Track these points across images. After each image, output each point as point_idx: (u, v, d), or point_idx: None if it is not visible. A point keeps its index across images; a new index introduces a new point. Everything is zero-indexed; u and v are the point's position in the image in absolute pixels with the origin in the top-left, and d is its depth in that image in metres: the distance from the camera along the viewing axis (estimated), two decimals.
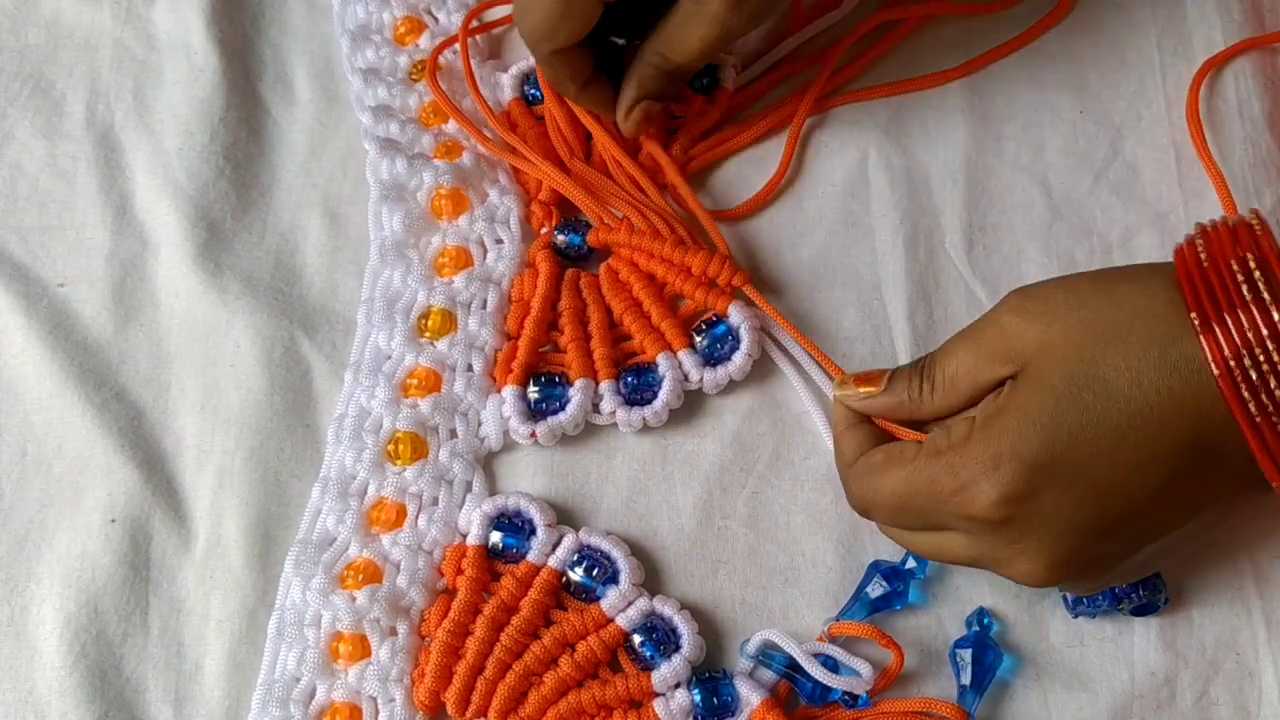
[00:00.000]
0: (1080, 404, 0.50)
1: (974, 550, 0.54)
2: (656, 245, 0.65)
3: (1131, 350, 0.50)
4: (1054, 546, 0.52)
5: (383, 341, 0.66)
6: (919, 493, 0.53)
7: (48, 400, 0.66)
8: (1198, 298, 0.49)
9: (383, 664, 0.58)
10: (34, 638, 0.61)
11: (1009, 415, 0.51)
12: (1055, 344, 0.51)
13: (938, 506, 0.53)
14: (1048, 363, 0.51)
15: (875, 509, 0.57)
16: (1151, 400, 0.49)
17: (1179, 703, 0.58)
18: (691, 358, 0.64)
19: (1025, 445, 0.50)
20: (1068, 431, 0.50)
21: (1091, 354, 0.50)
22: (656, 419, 0.64)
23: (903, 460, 0.54)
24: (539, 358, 0.66)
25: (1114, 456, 0.50)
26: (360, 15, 0.76)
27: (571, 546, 0.61)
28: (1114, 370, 0.50)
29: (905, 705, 0.57)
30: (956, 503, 0.52)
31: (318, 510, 0.63)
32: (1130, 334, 0.50)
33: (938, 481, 0.52)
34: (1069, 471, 0.50)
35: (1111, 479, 0.50)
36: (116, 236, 0.70)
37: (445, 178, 0.69)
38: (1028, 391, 0.51)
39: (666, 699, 0.57)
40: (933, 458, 0.53)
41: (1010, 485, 0.51)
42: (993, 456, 0.51)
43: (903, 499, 0.54)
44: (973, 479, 0.51)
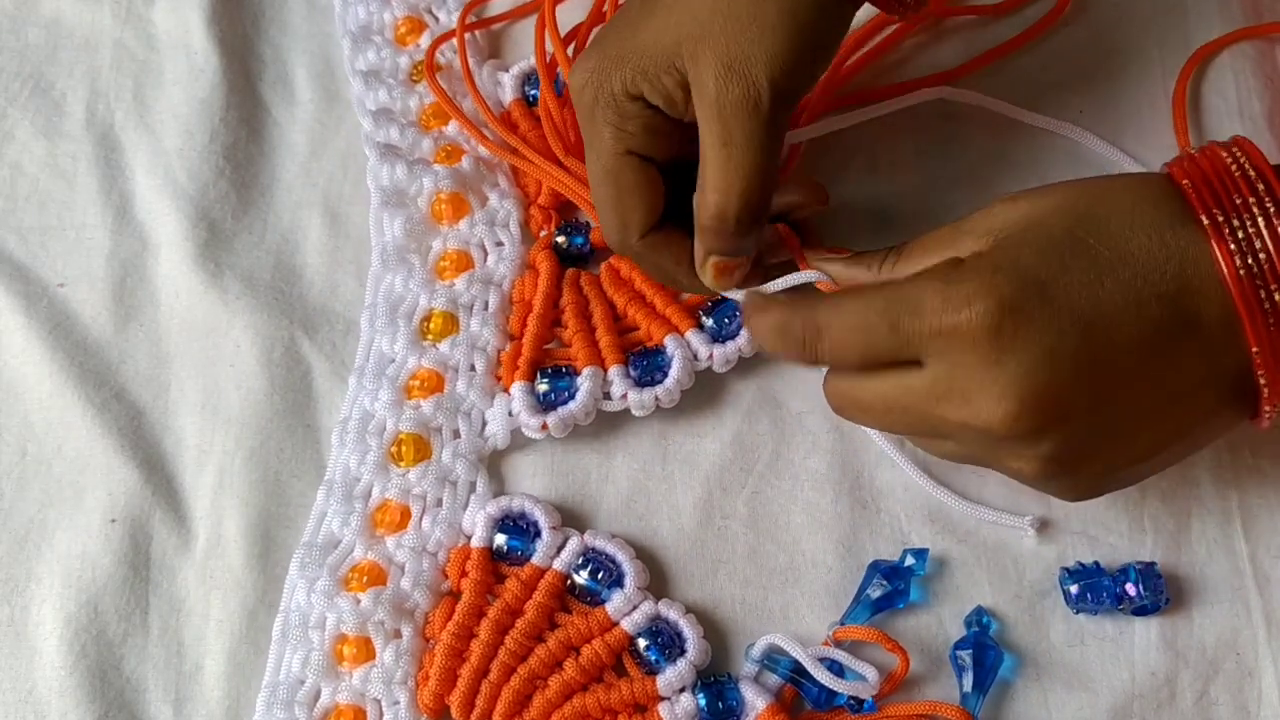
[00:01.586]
0: (1073, 238, 0.50)
1: (938, 384, 0.51)
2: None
3: (1122, 199, 0.51)
4: (1030, 376, 0.49)
5: (385, 345, 0.66)
6: (895, 307, 0.51)
7: (48, 400, 0.66)
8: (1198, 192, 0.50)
9: (387, 666, 0.59)
10: (34, 638, 0.61)
11: (1006, 238, 0.51)
12: (1043, 208, 0.51)
13: (916, 321, 0.51)
14: (1039, 215, 0.51)
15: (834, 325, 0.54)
16: (1142, 242, 0.50)
17: (1179, 703, 0.58)
18: (699, 336, 0.64)
19: (1023, 261, 0.50)
20: (1061, 258, 0.50)
21: (1087, 203, 0.51)
22: (669, 397, 0.63)
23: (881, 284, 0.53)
24: (545, 353, 0.66)
25: (1102, 286, 0.49)
26: (361, 16, 0.76)
27: (576, 549, 0.61)
28: (1109, 211, 0.50)
29: (910, 709, 0.57)
30: (942, 312, 0.50)
31: (322, 513, 0.63)
32: (1120, 191, 0.51)
33: (923, 294, 0.51)
34: (1059, 292, 0.49)
35: (1097, 309, 0.49)
36: (116, 236, 0.70)
37: (445, 182, 0.69)
38: (1021, 230, 0.51)
39: (671, 703, 0.57)
40: (918, 276, 0.52)
41: (1005, 291, 0.49)
42: (991, 267, 0.50)
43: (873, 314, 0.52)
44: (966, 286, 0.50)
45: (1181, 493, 0.61)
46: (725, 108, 0.55)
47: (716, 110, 0.55)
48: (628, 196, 0.59)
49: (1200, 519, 0.61)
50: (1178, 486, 0.61)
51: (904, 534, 0.62)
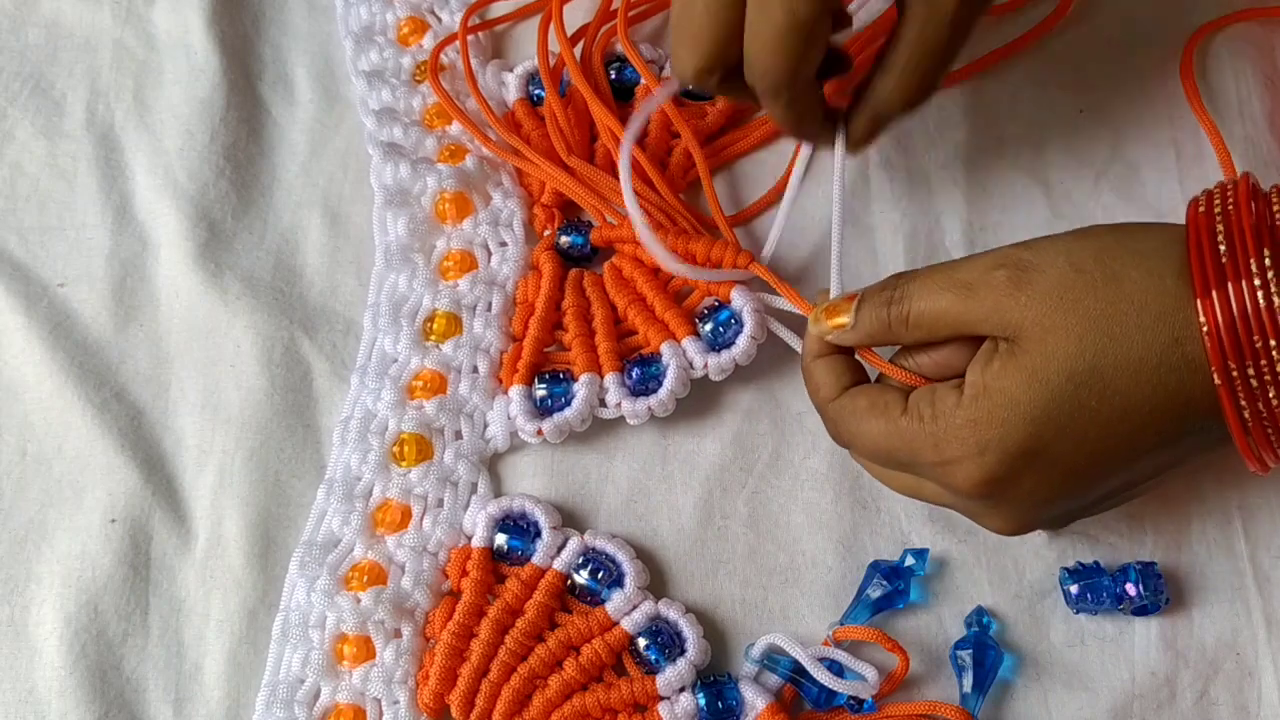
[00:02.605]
0: (1075, 401, 0.50)
1: (948, 501, 0.56)
2: (659, 236, 0.65)
3: (1135, 348, 0.49)
4: (1027, 512, 0.54)
5: (389, 345, 0.66)
6: (901, 450, 0.54)
7: (48, 400, 0.66)
8: (1205, 274, 0.48)
9: (387, 666, 0.59)
10: (34, 638, 0.61)
11: (999, 404, 0.51)
12: (1054, 330, 0.50)
13: (917, 467, 0.54)
14: (1044, 351, 0.50)
15: (855, 450, 0.58)
16: (1146, 396, 0.49)
17: (1179, 703, 0.58)
18: (695, 344, 0.64)
19: (1012, 437, 0.51)
20: (1057, 426, 0.50)
21: (1094, 350, 0.49)
22: (663, 408, 0.63)
23: (887, 414, 0.54)
24: (544, 357, 0.66)
25: (1099, 445, 0.50)
26: (364, 16, 0.76)
27: (576, 549, 0.61)
28: (1114, 368, 0.49)
29: (910, 709, 0.57)
30: (937, 472, 0.53)
31: (323, 512, 0.63)
32: (1136, 332, 0.49)
33: (920, 450, 0.53)
34: (1052, 457, 0.51)
35: (1091, 464, 0.51)
36: (116, 236, 0.70)
37: (449, 182, 0.69)
38: (1022, 382, 0.50)
39: (671, 703, 0.57)
40: (917, 422, 0.53)
41: (993, 471, 0.51)
42: (979, 443, 0.51)
43: (884, 450, 0.55)
44: (956, 459, 0.52)
45: (1181, 493, 0.61)
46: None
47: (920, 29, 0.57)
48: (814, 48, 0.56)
49: (1200, 519, 0.61)
50: (1178, 487, 0.62)
51: (904, 534, 0.62)
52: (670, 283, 0.66)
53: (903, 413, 0.53)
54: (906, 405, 0.53)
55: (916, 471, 0.55)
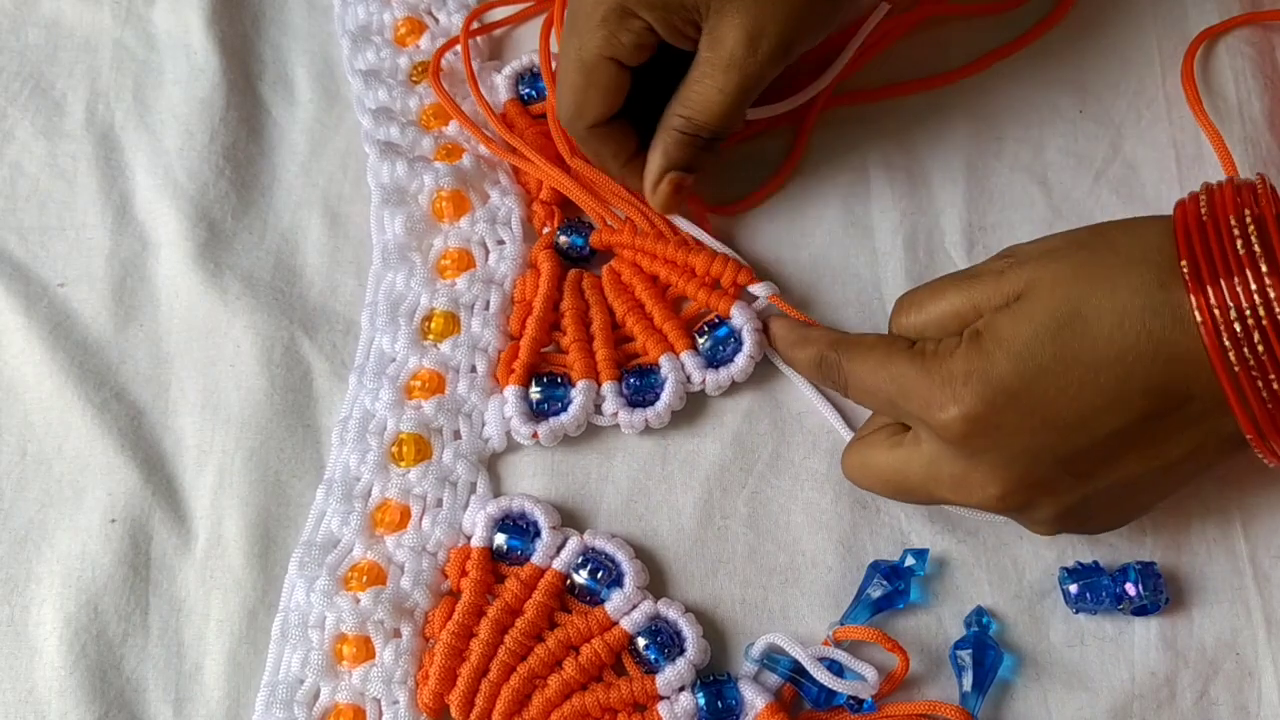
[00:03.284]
0: (1058, 339, 0.51)
1: (933, 470, 0.56)
2: (660, 246, 0.66)
3: (1118, 293, 0.50)
4: (1008, 467, 0.53)
5: (386, 344, 0.66)
6: (892, 384, 0.55)
7: (48, 400, 0.66)
8: (1191, 250, 0.50)
9: (386, 666, 0.59)
10: (34, 638, 0.61)
11: (986, 339, 0.52)
12: (1045, 280, 0.52)
13: (906, 404, 0.55)
14: (1035, 297, 0.52)
15: (849, 388, 0.59)
16: (1130, 342, 0.50)
17: (1179, 703, 0.58)
18: (694, 359, 0.64)
19: (995, 370, 0.52)
20: (1039, 364, 0.51)
21: (1079, 292, 0.51)
22: (659, 420, 0.63)
23: (891, 348, 0.56)
24: (541, 358, 0.66)
25: (1081, 392, 0.51)
26: (361, 16, 0.76)
27: (576, 549, 0.61)
28: (1097, 310, 0.51)
29: (910, 709, 0.57)
30: (922, 407, 0.54)
31: (322, 512, 0.63)
32: (1120, 276, 0.51)
33: (912, 383, 0.54)
34: (1033, 401, 0.51)
35: (1074, 413, 0.51)
36: (116, 236, 0.70)
37: (446, 180, 0.69)
38: (1010, 320, 0.52)
39: (671, 702, 0.57)
40: (916, 357, 0.55)
41: (972, 404, 0.52)
42: (964, 373, 0.52)
43: (874, 386, 0.56)
44: (940, 389, 0.53)
45: (1181, 493, 0.61)
46: (735, 68, 0.61)
47: (725, 68, 0.61)
48: (594, 92, 0.64)
49: (1200, 519, 0.61)
50: None
51: (904, 534, 0.62)
52: (669, 290, 0.66)
53: (907, 348, 0.55)
54: (913, 349, 0.55)
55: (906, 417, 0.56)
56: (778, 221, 0.70)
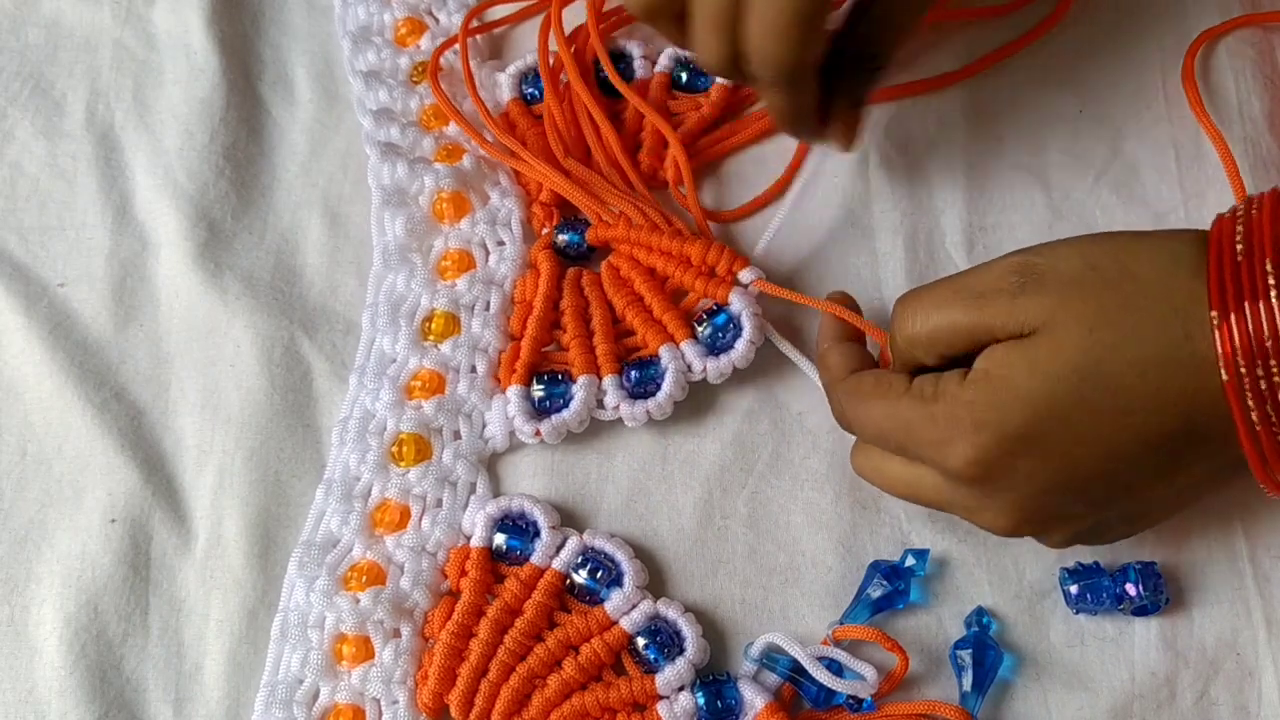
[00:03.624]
0: (1077, 393, 0.49)
1: (945, 495, 0.55)
2: (654, 238, 0.65)
3: (1144, 343, 0.49)
4: (1023, 505, 0.53)
5: (387, 345, 0.66)
6: (899, 430, 0.54)
7: (48, 400, 0.66)
8: (1222, 287, 0.48)
9: (386, 666, 0.59)
10: (34, 638, 0.61)
11: (1001, 388, 0.50)
12: (1067, 326, 0.49)
13: (915, 448, 0.53)
14: (1055, 347, 0.50)
15: (856, 429, 0.58)
16: (1151, 394, 0.49)
17: (1179, 703, 0.58)
18: (694, 348, 0.64)
19: (1010, 420, 0.50)
20: (1058, 415, 0.50)
21: (1103, 344, 0.49)
22: (660, 411, 0.63)
23: (889, 394, 0.54)
24: (542, 357, 0.66)
25: (1099, 441, 0.50)
26: (361, 16, 0.76)
27: (575, 549, 0.61)
28: (1120, 364, 0.49)
29: (909, 708, 0.56)
30: (932, 451, 0.52)
31: (321, 512, 0.63)
32: (1145, 324, 0.49)
33: (918, 428, 0.53)
34: (1048, 448, 0.50)
35: (1091, 459, 0.50)
36: (116, 236, 0.70)
37: (446, 181, 0.69)
38: (1025, 370, 0.50)
39: (670, 702, 0.57)
40: (917, 402, 0.53)
41: (987, 451, 0.51)
42: (974, 422, 0.51)
43: (883, 431, 0.55)
44: (951, 437, 0.51)
45: None
46: None
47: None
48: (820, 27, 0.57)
49: (1200, 519, 0.61)
50: None
51: (904, 534, 0.62)
52: (667, 282, 0.66)
53: (905, 392, 0.53)
54: (910, 386, 0.53)
55: (914, 454, 0.54)
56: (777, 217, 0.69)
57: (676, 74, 0.73)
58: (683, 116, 0.72)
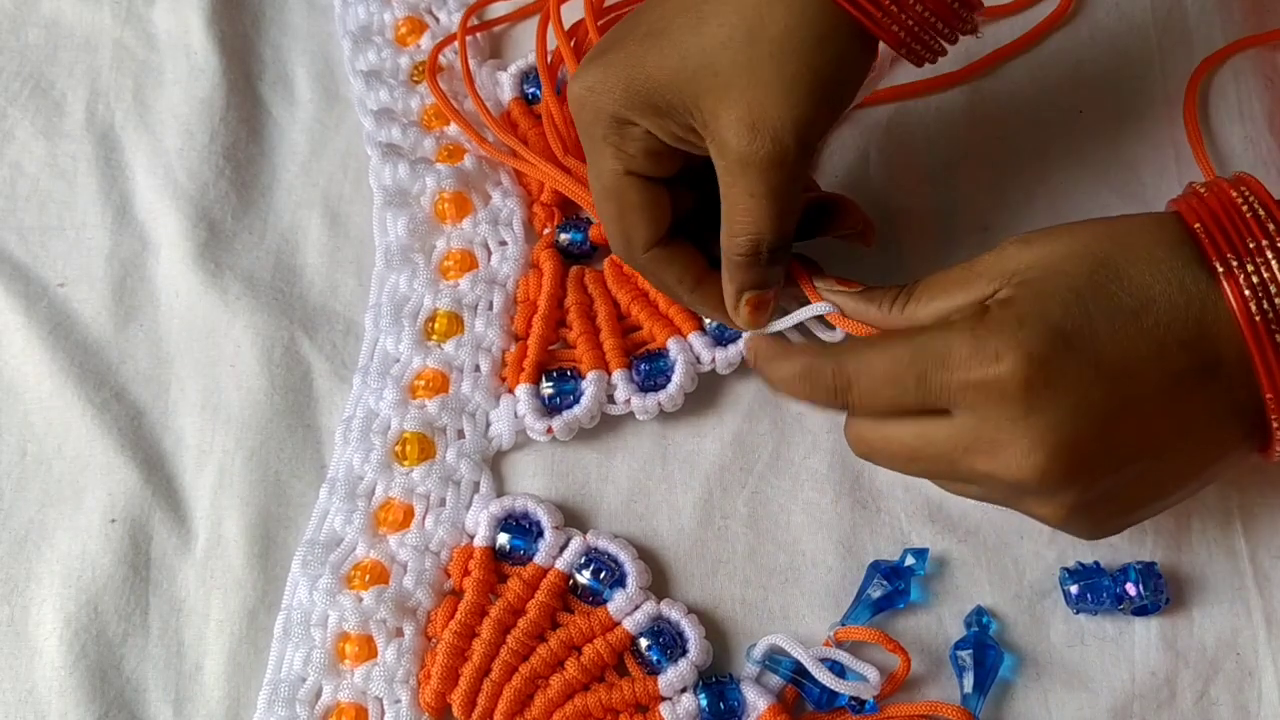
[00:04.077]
0: (1094, 283, 0.49)
1: (964, 435, 0.51)
2: None
3: (1141, 246, 0.50)
4: (1061, 427, 0.49)
5: (390, 345, 0.66)
6: (923, 359, 0.51)
7: (48, 400, 0.66)
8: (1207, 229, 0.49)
9: (389, 665, 0.59)
10: (34, 638, 0.61)
11: (1029, 287, 0.50)
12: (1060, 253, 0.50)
13: (942, 374, 0.50)
14: (1058, 261, 0.50)
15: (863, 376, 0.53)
16: (1164, 290, 0.49)
17: (1179, 703, 0.58)
18: (701, 339, 0.64)
19: (1050, 312, 0.49)
20: (1085, 308, 0.49)
21: (1105, 248, 0.50)
22: (672, 403, 0.63)
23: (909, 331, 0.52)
24: (549, 355, 0.66)
25: (1127, 336, 0.49)
26: (361, 16, 0.76)
27: (579, 549, 0.61)
28: (1126, 261, 0.49)
29: (911, 709, 0.57)
30: (967, 365, 0.49)
31: (325, 511, 0.63)
32: (1140, 239, 0.50)
33: (950, 346, 0.50)
34: (1086, 345, 0.49)
35: (1122, 359, 0.49)
36: (116, 236, 0.70)
37: (448, 181, 0.69)
38: (1041, 276, 0.50)
39: (673, 703, 0.57)
40: (947, 326, 0.51)
41: (1034, 344, 0.49)
42: (1015, 318, 0.49)
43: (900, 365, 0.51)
44: (990, 339, 0.49)
45: None
46: (751, 164, 0.55)
47: (741, 167, 0.55)
48: (630, 214, 0.59)
49: (1200, 519, 0.61)
50: None
51: (904, 534, 0.62)
52: None
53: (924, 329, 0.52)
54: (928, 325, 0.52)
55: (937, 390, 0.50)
56: None
57: None
58: None
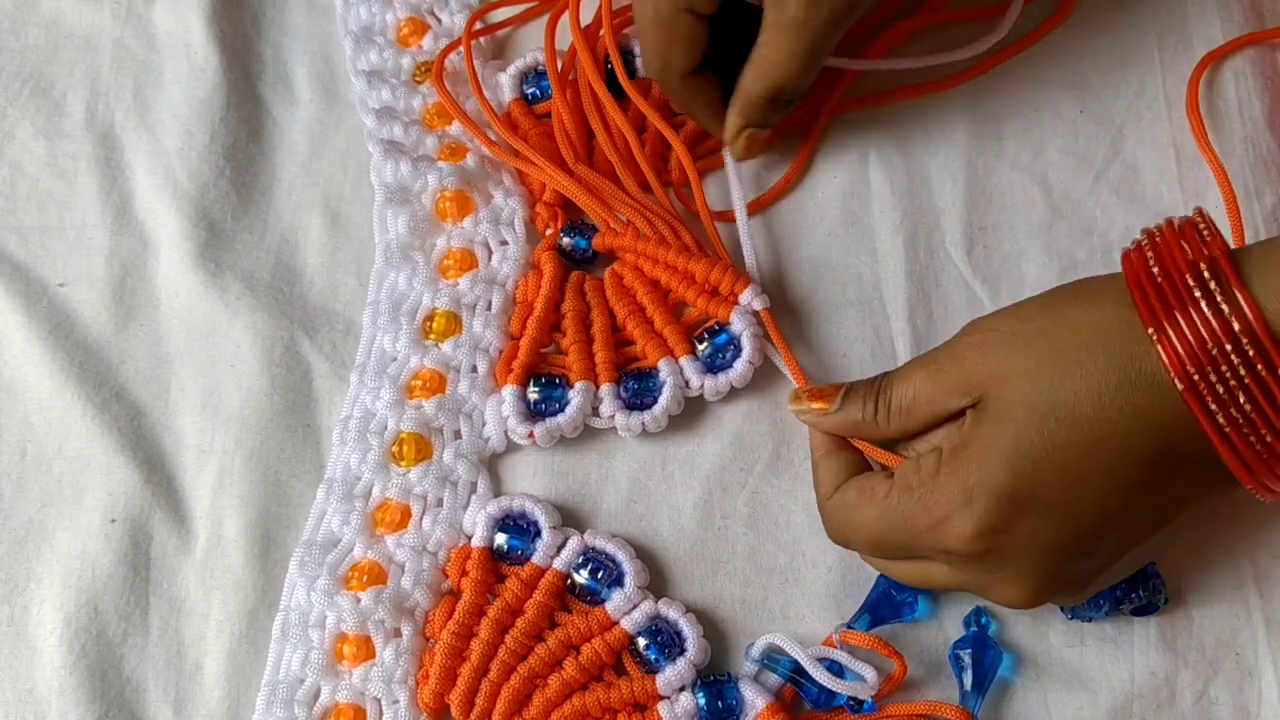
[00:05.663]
0: (1042, 431, 0.50)
1: (957, 579, 0.55)
2: (661, 251, 0.65)
3: (1091, 373, 0.50)
4: (1034, 571, 0.53)
5: (388, 344, 0.66)
6: (895, 529, 0.54)
7: (48, 400, 0.66)
8: (1150, 307, 0.50)
9: (387, 665, 0.59)
10: (34, 638, 0.61)
11: (974, 449, 0.52)
12: (1011, 375, 0.52)
13: (914, 541, 0.54)
14: (1006, 394, 0.52)
15: (854, 544, 0.58)
16: (1115, 419, 0.50)
17: (1179, 703, 0.58)
18: (693, 364, 0.64)
19: (994, 478, 0.51)
20: (1033, 460, 0.50)
21: (1049, 381, 0.51)
22: (655, 424, 0.63)
23: (875, 497, 0.55)
24: (540, 358, 0.66)
25: (1083, 479, 0.50)
26: (363, 16, 0.76)
27: (576, 549, 0.61)
28: (1074, 394, 0.50)
29: (910, 709, 0.57)
30: (932, 538, 0.53)
31: (322, 511, 0.63)
32: (1088, 357, 0.50)
33: (912, 518, 0.53)
34: (1041, 498, 0.51)
35: (1083, 500, 0.51)
36: (116, 236, 0.70)
37: (449, 180, 0.69)
38: (989, 424, 0.52)
39: (671, 702, 0.57)
40: (905, 493, 0.54)
41: (984, 519, 0.51)
42: (963, 492, 0.52)
43: (879, 535, 0.55)
44: (946, 515, 0.52)
45: None
46: (800, 23, 0.62)
47: (794, 27, 0.62)
48: (676, 44, 0.66)
49: (1200, 519, 0.61)
50: None
51: None
52: (670, 295, 0.66)
53: (889, 491, 0.54)
54: (894, 483, 0.54)
55: (916, 549, 0.55)
56: (778, 221, 0.70)
57: None
58: (683, 119, 0.72)
